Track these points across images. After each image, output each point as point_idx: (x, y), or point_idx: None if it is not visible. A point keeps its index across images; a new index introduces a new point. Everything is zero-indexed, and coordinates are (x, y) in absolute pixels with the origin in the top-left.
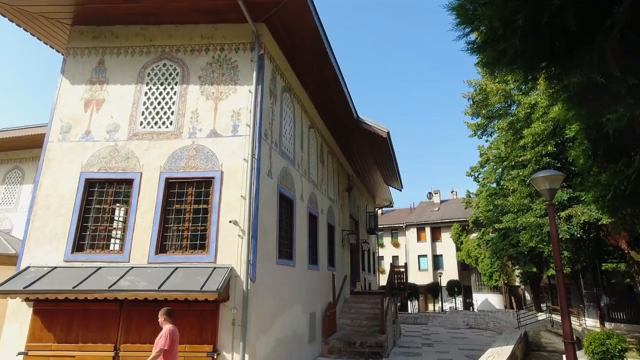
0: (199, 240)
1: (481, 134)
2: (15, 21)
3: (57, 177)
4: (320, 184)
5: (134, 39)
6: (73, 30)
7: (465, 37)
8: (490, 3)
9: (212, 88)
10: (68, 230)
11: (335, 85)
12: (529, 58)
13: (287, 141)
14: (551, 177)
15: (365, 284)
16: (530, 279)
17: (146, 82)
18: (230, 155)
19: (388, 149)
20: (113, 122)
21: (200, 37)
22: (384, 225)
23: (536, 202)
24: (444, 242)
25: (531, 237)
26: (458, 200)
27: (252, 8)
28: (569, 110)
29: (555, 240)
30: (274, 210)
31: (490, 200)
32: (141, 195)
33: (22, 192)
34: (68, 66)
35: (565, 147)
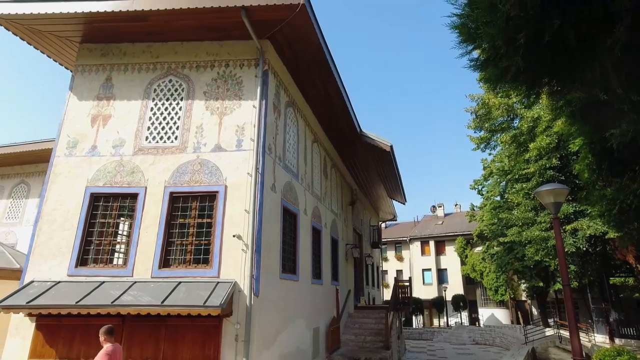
0: (202, 255)
1: (484, 147)
2: (27, 39)
3: (62, 191)
4: (323, 197)
5: (141, 56)
6: (82, 48)
7: (468, 54)
8: (492, 22)
9: (217, 103)
10: (72, 245)
11: (338, 99)
12: (531, 75)
13: (291, 155)
14: (556, 191)
15: (369, 299)
16: (536, 293)
17: (152, 97)
18: (235, 170)
19: (391, 162)
20: (119, 137)
21: (205, 53)
22: (388, 239)
23: (541, 215)
24: (449, 256)
25: (536, 251)
26: (462, 214)
27: (257, 25)
28: (572, 125)
29: (562, 254)
30: (277, 225)
31: (494, 214)
32: (145, 210)
33: (28, 207)
34: (76, 83)
35: (569, 161)
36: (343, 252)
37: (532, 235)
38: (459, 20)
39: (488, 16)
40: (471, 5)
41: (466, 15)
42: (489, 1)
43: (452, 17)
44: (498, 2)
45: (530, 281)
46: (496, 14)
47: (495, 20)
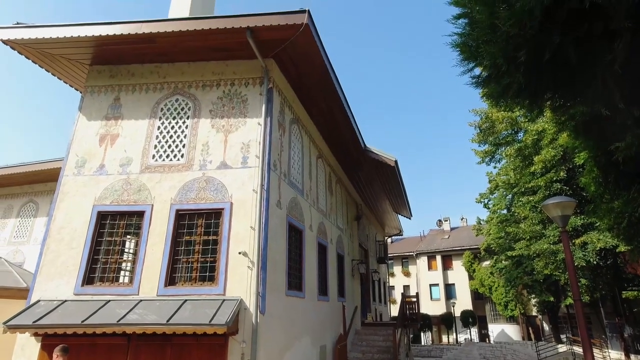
0: (208, 272)
1: (489, 160)
2: (38, 62)
3: (70, 210)
4: (329, 213)
5: (148, 76)
6: (92, 69)
7: (470, 71)
8: (492, 41)
9: (223, 121)
10: (79, 263)
11: (342, 116)
12: (533, 91)
13: (296, 171)
14: (563, 204)
15: (377, 315)
16: (547, 308)
17: (159, 116)
18: (240, 187)
19: (396, 177)
20: (126, 155)
21: (211, 73)
22: (394, 254)
23: (549, 228)
24: (456, 271)
25: (546, 265)
26: (468, 228)
27: (262, 45)
28: (576, 139)
29: (571, 267)
30: (283, 241)
31: (501, 227)
32: (152, 227)
33: (36, 225)
34: (86, 103)
35: (575, 173)
36: (349, 267)
37: (541, 248)
38: (460, 39)
39: (488, 35)
40: (471, 24)
41: (467, 34)
42: (488, 21)
43: (452, 36)
44: (498, 22)
45: (540, 296)
46: (496, 33)
47: (495, 39)
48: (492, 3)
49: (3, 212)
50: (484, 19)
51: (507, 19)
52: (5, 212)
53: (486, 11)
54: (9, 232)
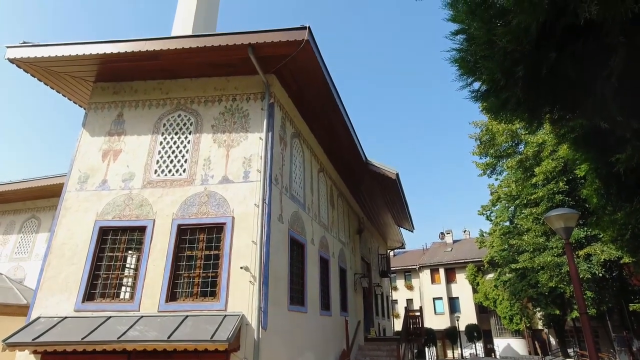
0: (209, 287)
1: (490, 172)
2: (44, 80)
3: (72, 225)
4: (330, 227)
5: (151, 92)
6: (96, 86)
7: (469, 86)
8: (490, 56)
9: (224, 136)
10: (80, 279)
11: (343, 129)
12: (532, 105)
13: (297, 185)
14: (566, 216)
15: (380, 330)
16: (553, 322)
17: (161, 132)
18: (242, 201)
19: (398, 190)
20: (129, 171)
21: (213, 88)
22: (397, 268)
23: (552, 240)
24: (460, 284)
25: (550, 277)
26: (471, 240)
27: (263, 61)
28: (576, 151)
29: (576, 280)
30: (285, 255)
31: (504, 240)
32: (153, 242)
33: (37, 241)
34: (89, 120)
35: (577, 184)
36: (352, 281)
37: (545, 261)
38: (458, 54)
39: (486, 50)
40: (469, 40)
41: (465, 50)
42: (486, 37)
43: (451, 52)
44: (495, 38)
45: (545, 309)
46: (494, 48)
47: (493, 54)
48: (489, 20)
49: (5, 228)
50: (482, 35)
51: (504, 35)
52: (7, 228)
53: (483, 27)
54: (10, 248)
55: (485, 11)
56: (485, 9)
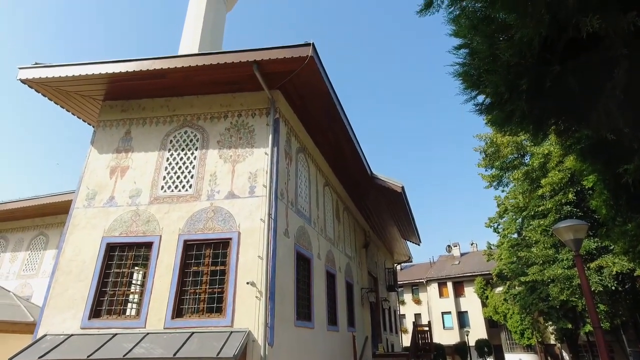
0: (215, 303)
1: (497, 184)
2: (54, 99)
3: (80, 242)
4: (337, 241)
5: (159, 110)
6: (104, 105)
7: (473, 99)
8: (493, 70)
9: (230, 151)
10: (87, 296)
11: (348, 144)
12: (537, 117)
13: (303, 200)
14: (575, 227)
15: (388, 345)
16: (566, 336)
17: (168, 148)
18: (247, 216)
19: (403, 203)
20: (136, 187)
21: (219, 105)
22: (404, 282)
23: (562, 252)
24: (468, 298)
25: (561, 290)
26: (479, 253)
27: (268, 77)
28: (583, 163)
29: (588, 293)
30: (291, 270)
31: (512, 252)
32: (160, 258)
33: (45, 258)
34: (97, 137)
35: (585, 195)
36: (359, 296)
37: (555, 273)
38: (462, 68)
39: (489, 64)
40: (472, 54)
41: (468, 64)
42: (489, 51)
43: (454, 66)
44: (498, 52)
45: (557, 323)
46: (497, 62)
47: (496, 68)
48: (491, 34)
49: (14, 246)
50: (484, 50)
51: (507, 50)
52: (16, 245)
53: (486, 42)
54: (18, 266)
55: (488, 26)
56: (487, 24)
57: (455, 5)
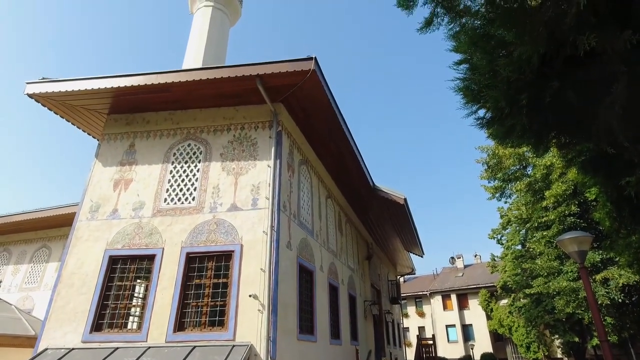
0: (217, 317)
1: (500, 196)
2: (59, 113)
3: (82, 255)
4: (339, 253)
5: (163, 123)
6: (109, 118)
7: (474, 113)
8: (493, 85)
9: (233, 164)
10: (88, 309)
11: (350, 156)
12: (538, 131)
13: (306, 212)
14: (579, 239)
15: (392, 359)
16: (573, 349)
17: (172, 161)
18: (250, 228)
19: (406, 215)
20: (139, 199)
21: (222, 118)
22: (407, 294)
23: (566, 264)
24: (473, 310)
25: (567, 303)
26: (483, 265)
27: (270, 91)
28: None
29: (594, 306)
30: (293, 283)
31: (517, 264)
32: (162, 271)
33: (47, 271)
34: (102, 150)
35: (589, 206)
36: (361, 309)
37: (560, 286)
38: (462, 83)
39: (489, 80)
40: (472, 70)
41: (468, 79)
42: (489, 67)
43: (455, 81)
44: (498, 68)
45: (564, 336)
46: (497, 77)
47: (496, 83)
48: (491, 51)
49: (17, 258)
50: (484, 65)
51: (506, 66)
52: (18, 258)
53: (486, 58)
54: (20, 278)
55: (487, 42)
56: (486, 40)
57: (454, 22)
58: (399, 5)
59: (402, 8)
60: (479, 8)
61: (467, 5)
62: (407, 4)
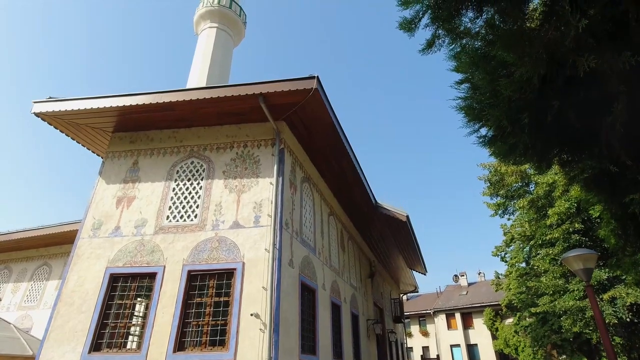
0: (218, 336)
1: (502, 213)
2: (65, 132)
3: (84, 273)
4: (341, 271)
5: (166, 141)
6: (114, 136)
7: (476, 132)
8: (495, 105)
9: (235, 181)
10: (88, 328)
11: (352, 173)
12: (540, 149)
13: (308, 229)
14: (584, 256)
15: None
16: None
17: (174, 178)
18: (252, 246)
19: (408, 232)
20: (141, 217)
21: (225, 136)
22: (411, 313)
23: (572, 282)
24: (478, 330)
25: (574, 322)
26: (487, 282)
27: (273, 109)
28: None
29: (602, 326)
30: (295, 301)
31: (521, 282)
32: (163, 289)
33: (47, 289)
34: (106, 168)
35: (593, 224)
36: (364, 328)
37: (566, 305)
38: (464, 102)
39: (491, 99)
40: (474, 89)
41: (470, 97)
42: (490, 87)
43: (456, 100)
44: (499, 87)
45: (572, 356)
46: (498, 97)
47: (498, 103)
48: (492, 71)
49: (17, 276)
50: (485, 85)
51: (507, 86)
52: (19, 276)
53: (487, 78)
54: (20, 297)
55: (487, 63)
56: (487, 61)
57: (455, 43)
58: (401, 28)
59: (404, 30)
60: (479, 30)
61: (468, 27)
62: (409, 26)
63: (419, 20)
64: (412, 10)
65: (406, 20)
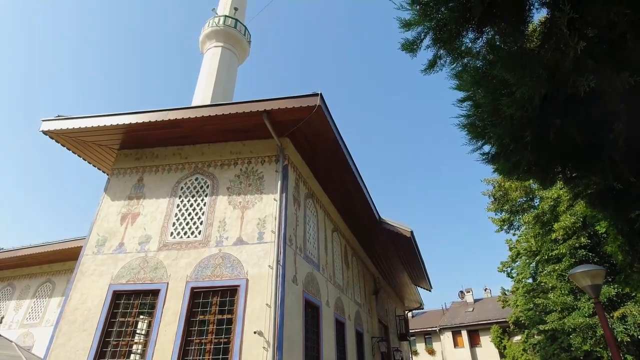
0: (221, 354)
1: (507, 228)
2: (72, 149)
3: (87, 290)
4: (346, 288)
5: (171, 157)
6: (119, 153)
7: (479, 149)
8: (497, 123)
9: (239, 198)
10: (90, 347)
11: (356, 189)
12: (543, 166)
13: (312, 246)
14: (591, 273)
15: None
16: None
17: (179, 195)
18: (256, 262)
19: (413, 248)
20: (145, 233)
21: (229, 152)
22: (416, 330)
23: (581, 299)
24: (485, 347)
25: (584, 340)
26: (494, 299)
27: (277, 126)
28: (593, 208)
29: (613, 344)
30: (299, 319)
31: (528, 298)
32: (166, 306)
33: (50, 306)
34: (111, 184)
35: (600, 239)
36: (369, 346)
37: (576, 322)
38: (467, 119)
39: (493, 117)
40: (476, 107)
41: (472, 115)
42: (492, 105)
43: (459, 118)
44: (501, 106)
45: None
46: (500, 115)
47: (500, 121)
48: (493, 90)
49: (20, 293)
50: (487, 103)
51: (509, 104)
52: (22, 293)
53: (488, 96)
54: (22, 314)
55: (489, 82)
56: (488, 80)
57: (457, 62)
58: (404, 49)
59: (407, 51)
60: (480, 50)
61: (469, 47)
62: (411, 47)
63: (420, 42)
64: (414, 32)
65: (408, 42)
